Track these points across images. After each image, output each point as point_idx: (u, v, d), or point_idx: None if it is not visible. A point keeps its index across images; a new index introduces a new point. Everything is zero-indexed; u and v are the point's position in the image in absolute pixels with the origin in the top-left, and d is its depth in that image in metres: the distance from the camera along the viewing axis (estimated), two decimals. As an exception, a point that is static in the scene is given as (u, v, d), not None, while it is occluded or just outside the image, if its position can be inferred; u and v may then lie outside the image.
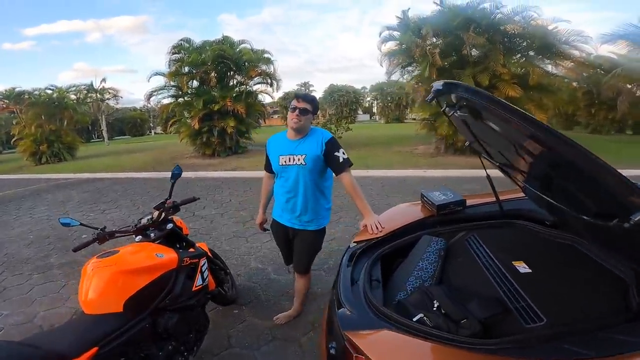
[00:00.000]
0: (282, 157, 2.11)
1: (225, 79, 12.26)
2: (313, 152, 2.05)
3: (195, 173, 9.07)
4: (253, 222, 4.76)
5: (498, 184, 1.95)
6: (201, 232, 4.55)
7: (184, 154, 12.71)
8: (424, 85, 9.37)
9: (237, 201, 6.04)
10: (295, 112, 2.01)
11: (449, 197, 1.89)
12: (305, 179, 2.09)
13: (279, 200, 2.25)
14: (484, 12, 8.59)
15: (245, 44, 12.27)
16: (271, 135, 2.27)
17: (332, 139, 2.09)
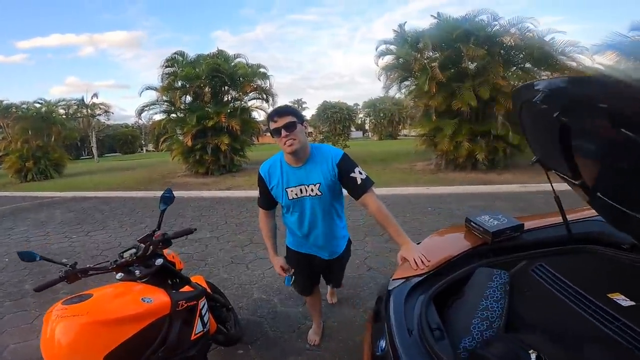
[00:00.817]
0: (290, 190, 1.77)
1: (220, 94, 11.97)
2: (327, 179, 1.73)
3: (188, 192, 8.66)
4: (252, 246, 4.42)
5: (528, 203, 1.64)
6: (195, 257, 4.15)
7: (176, 173, 12.30)
8: (423, 100, 9.23)
9: (234, 223, 5.65)
10: (282, 134, 1.61)
11: (502, 222, 1.61)
12: (324, 208, 1.81)
13: (295, 235, 1.99)
14: (481, 24, 8.56)
15: (240, 59, 12.07)
16: (262, 164, 1.86)
17: (343, 156, 1.74)
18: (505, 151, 9.38)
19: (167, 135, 12.16)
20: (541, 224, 1.74)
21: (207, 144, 11.10)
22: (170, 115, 12.06)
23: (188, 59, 11.62)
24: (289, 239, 2.04)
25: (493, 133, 8.93)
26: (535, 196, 6.80)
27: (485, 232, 1.58)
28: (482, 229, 1.60)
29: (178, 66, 11.45)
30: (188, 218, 6.13)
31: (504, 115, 8.60)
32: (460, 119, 9.13)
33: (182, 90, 11.36)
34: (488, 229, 1.57)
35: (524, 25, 8.42)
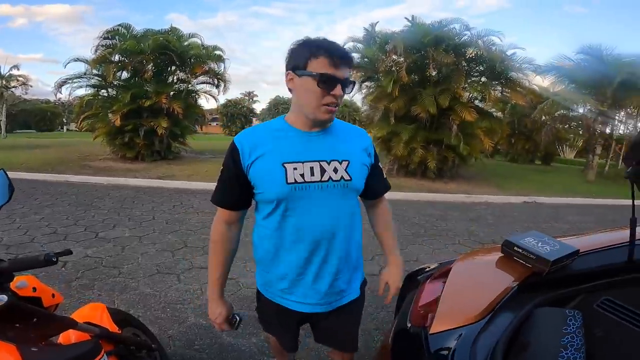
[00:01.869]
0: (291, 165, 1.00)
1: (165, 73, 10.64)
2: (359, 157, 1.08)
3: (108, 179, 7.29)
4: (187, 251, 3.53)
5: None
6: (105, 264, 3.16)
7: (98, 155, 10.59)
8: (383, 102, 9.05)
9: (163, 220, 4.65)
10: (336, 91, 0.95)
11: (555, 247, 1.27)
12: (347, 209, 1.08)
13: (275, 271, 1.12)
14: (453, 32, 8.63)
15: (195, 38, 10.85)
16: (242, 130, 1.11)
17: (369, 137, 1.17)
18: (454, 161, 9.59)
19: (91, 112, 10.43)
20: (591, 248, 1.43)
21: (141, 125, 9.70)
22: (100, 92, 10.45)
23: (133, 33, 10.16)
24: (262, 277, 1.18)
25: (446, 142, 9.03)
26: (480, 207, 6.96)
27: (541, 260, 1.22)
28: (536, 257, 1.24)
29: (120, 39, 9.95)
30: (103, 210, 4.97)
31: (459, 126, 8.72)
32: (417, 125, 9.10)
33: (119, 65, 9.89)
34: (545, 257, 1.22)
35: (489, 38, 8.65)
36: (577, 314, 1.08)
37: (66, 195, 5.84)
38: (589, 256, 1.39)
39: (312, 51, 0.94)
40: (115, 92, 10.24)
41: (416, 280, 1.49)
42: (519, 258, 1.28)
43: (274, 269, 1.11)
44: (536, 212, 7.00)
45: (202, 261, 3.32)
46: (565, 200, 8.50)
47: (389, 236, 1.27)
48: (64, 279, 2.80)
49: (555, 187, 10.28)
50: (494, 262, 1.34)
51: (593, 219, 6.70)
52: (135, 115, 9.70)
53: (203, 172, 8.58)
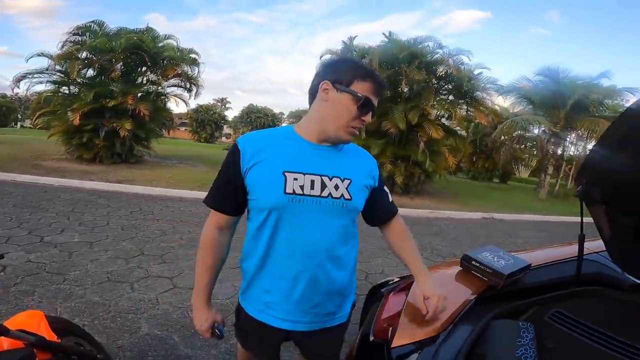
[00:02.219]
0: (293, 174, 0.96)
1: (134, 73, 10.21)
2: (362, 178, 1.04)
3: (60, 180, 6.79)
4: (143, 259, 3.35)
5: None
6: (48, 269, 2.92)
7: (52, 155, 9.90)
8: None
9: (119, 226, 4.39)
10: (367, 116, 0.98)
11: (509, 261, 1.34)
12: (343, 229, 1.02)
13: (260, 285, 1.05)
14: (427, 49, 8.97)
15: (170, 40, 10.55)
16: (247, 133, 1.08)
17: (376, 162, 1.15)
18: (420, 177, 9.89)
19: (49, 109, 9.78)
20: (542, 262, 1.53)
21: (102, 126, 9.21)
22: (61, 89, 9.87)
23: (106, 30, 9.72)
24: (246, 290, 1.10)
25: (413, 158, 9.30)
26: (443, 222, 7.22)
27: (496, 274, 1.28)
28: (492, 271, 1.30)
29: (91, 36, 9.48)
30: (51, 213, 4.61)
31: (426, 143, 9.03)
32: (387, 140, 9.32)
33: (85, 62, 9.41)
34: (500, 271, 1.28)
35: (459, 57, 9.10)
36: (530, 326, 1.12)
37: (12, 195, 5.38)
38: (540, 270, 1.46)
39: (361, 73, 0.96)
40: (77, 89, 9.71)
41: (380, 293, 1.49)
42: (476, 272, 1.33)
43: (260, 281, 1.04)
44: (494, 227, 7.34)
45: (160, 270, 3.16)
46: (519, 216, 8.99)
47: (409, 247, 1.17)
48: (2, 284, 2.58)
49: (511, 204, 10.87)
50: (453, 276, 1.38)
51: (544, 234, 7.13)
52: (97, 115, 9.20)
53: (167, 177, 8.25)
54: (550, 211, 10.28)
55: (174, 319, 2.39)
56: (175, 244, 3.93)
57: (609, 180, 1.20)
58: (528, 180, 24.10)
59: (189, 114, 32.56)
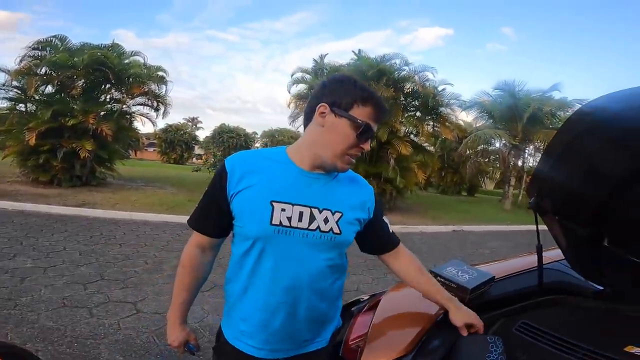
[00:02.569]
0: (280, 205, 0.90)
1: (97, 91, 9.81)
2: (354, 211, 0.97)
3: (13, 204, 6.33)
4: (103, 285, 3.16)
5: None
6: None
7: (6, 176, 9.25)
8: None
9: (77, 251, 4.12)
10: (366, 144, 0.91)
11: (473, 275, 1.36)
12: (330, 262, 0.96)
13: (246, 309, 0.98)
14: (394, 67, 9.27)
15: (137, 57, 10.22)
16: (236, 153, 1.01)
17: (374, 191, 1.08)
18: (392, 193, 10.06)
19: (3, 128, 9.18)
20: (505, 274, 1.54)
21: (60, 146, 8.71)
22: (18, 106, 9.32)
23: (68, 45, 9.31)
24: (226, 315, 1.05)
25: (384, 175, 9.47)
26: (415, 236, 7.33)
27: (461, 288, 1.29)
28: (456, 285, 1.31)
29: (52, 51, 9.05)
30: (3, 239, 4.25)
31: (396, 160, 9.24)
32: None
33: (44, 78, 8.95)
34: (464, 285, 1.29)
35: (424, 74, 9.47)
36: (498, 340, 1.12)
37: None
38: (505, 282, 1.47)
39: (362, 96, 0.88)
40: (35, 107, 9.19)
41: (350, 312, 1.45)
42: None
43: (239, 308, 0.98)
44: (463, 239, 7.54)
45: (122, 295, 2.98)
46: (487, 228, 9.31)
47: (428, 280, 1.12)
48: None
49: (478, 216, 11.25)
50: (418, 294, 1.37)
51: (511, 244, 7.39)
52: (55, 134, 8.71)
53: (131, 200, 7.88)
54: (514, 221, 10.72)
55: (138, 344, 2.26)
56: (139, 268, 3.71)
57: (557, 191, 1.23)
58: (493, 192, 25.15)
59: (157, 134, 31.48)
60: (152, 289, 3.16)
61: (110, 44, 10.07)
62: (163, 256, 4.22)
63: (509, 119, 14.63)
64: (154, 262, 3.97)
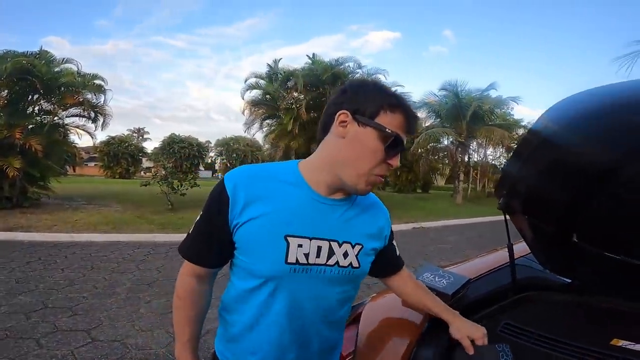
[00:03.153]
0: (297, 240, 0.76)
1: (24, 102, 8.84)
2: (373, 241, 0.87)
3: None
4: (47, 313, 2.83)
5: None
6: None
7: None
8: (284, 140, 9.18)
9: (13, 279, 3.61)
10: (394, 160, 0.75)
11: (450, 280, 1.33)
12: (346, 296, 0.87)
13: (251, 343, 0.85)
14: (348, 69, 9.41)
15: (70, 64, 9.33)
16: (238, 168, 0.81)
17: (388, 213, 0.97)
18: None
19: None
20: (478, 274, 1.52)
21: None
22: None
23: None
24: (230, 344, 0.89)
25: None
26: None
27: (441, 295, 1.25)
28: (436, 292, 1.26)
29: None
30: None
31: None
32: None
33: (-38, 90, 7.86)
34: (443, 291, 1.25)
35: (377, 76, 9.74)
36: (506, 347, 1.09)
37: None
38: (478, 282, 1.46)
39: (390, 101, 0.74)
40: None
41: None
42: None
43: (245, 340, 0.86)
44: (424, 236, 7.80)
45: (71, 323, 2.67)
46: (443, 223, 9.75)
47: (431, 297, 1.06)
48: None
49: (434, 212, 11.77)
50: (400, 302, 1.30)
51: (468, 236, 7.80)
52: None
53: (72, 221, 7.14)
54: (466, 214, 11.36)
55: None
56: (87, 293, 3.33)
57: (526, 191, 1.25)
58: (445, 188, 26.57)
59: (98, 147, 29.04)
60: (105, 314, 2.84)
61: (37, 52, 9.15)
62: (114, 278, 3.83)
63: (454, 117, 15.57)
64: (104, 285, 3.59)
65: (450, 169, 19.16)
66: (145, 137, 44.80)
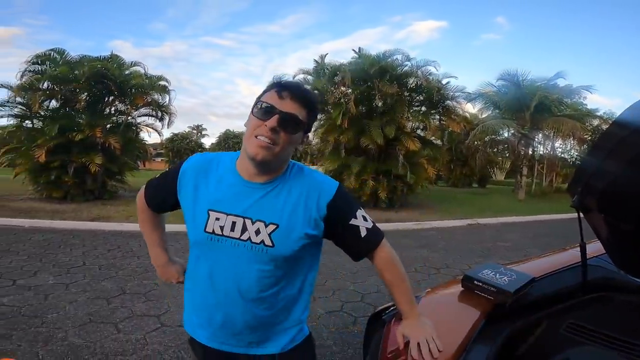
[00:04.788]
0: (216, 214, 0.94)
1: (101, 104, 9.83)
2: (297, 223, 0.94)
3: (30, 221, 6.39)
4: (125, 299, 3.15)
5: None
6: (24, 312, 2.76)
7: (19, 195, 9.36)
8: (333, 135, 9.22)
9: (96, 265, 4.11)
10: (269, 123, 0.87)
11: (512, 277, 1.31)
12: (265, 274, 0.95)
13: (193, 303, 1.05)
14: (396, 62, 9.17)
15: (138, 67, 10.22)
16: (195, 154, 1.09)
17: (339, 190, 0.98)
18: (403, 190, 9.95)
19: (12, 145, 9.28)
20: (544, 272, 1.47)
21: (70, 162, 8.78)
22: (24, 122, 9.38)
23: (67, 59, 9.32)
24: (187, 315, 1.09)
25: (394, 172, 9.37)
26: (430, 232, 7.23)
27: (502, 292, 1.24)
28: (497, 289, 1.25)
29: (52, 65, 9.08)
30: (23, 256, 4.28)
31: (404, 156, 9.14)
32: (366, 157, 9.37)
33: (47, 93, 8.98)
34: (505, 288, 1.24)
35: (427, 68, 9.36)
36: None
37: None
38: (544, 281, 1.41)
39: (266, 89, 0.94)
40: (41, 123, 9.24)
41: (381, 320, 1.39)
42: (480, 291, 1.27)
43: (189, 302, 1.08)
44: (480, 233, 7.41)
45: (145, 308, 2.97)
46: (503, 219, 9.16)
47: (401, 289, 1.06)
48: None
49: (492, 208, 11.09)
50: (456, 298, 1.33)
51: (530, 235, 7.25)
52: (64, 150, 8.79)
53: (144, 210, 7.91)
54: (530, 211, 10.55)
55: (166, 359, 2.23)
56: (158, 280, 3.69)
57: (603, 188, 1.17)
58: (504, 182, 24.84)
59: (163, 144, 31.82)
60: (173, 301, 3.13)
61: (109, 56, 10.07)
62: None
63: (515, 108, 14.47)
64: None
65: (511, 162, 17.84)
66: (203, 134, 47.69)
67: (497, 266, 1.40)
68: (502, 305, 1.21)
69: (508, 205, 12.28)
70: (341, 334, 2.66)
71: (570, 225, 1.33)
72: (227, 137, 32.95)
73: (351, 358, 2.36)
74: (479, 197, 14.51)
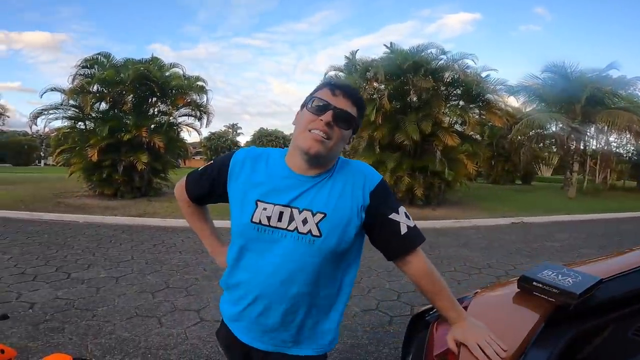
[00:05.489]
0: (263, 204, 0.94)
1: (145, 104, 10.40)
2: (342, 212, 0.93)
3: (84, 217, 6.91)
4: (169, 293, 3.29)
5: None
6: (77, 305, 2.92)
7: (74, 192, 10.14)
8: (367, 131, 9.09)
9: (143, 260, 4.36)
10: (324, 118, 0.89)
11: (577, 279, 1.19)
12: (311, 268, 0.93)
13: (232, 296, 1.05)
14: (430, 57, 8.88)
15: (176, 68, 10.71)
16: (241, 148, 1.11)
17: (382, 182, 0.98)
18: (440, 187, 9.61)
19: (67, 146, 10.06)
20: (613, 273, 1.32)
21: (120, 160, 9.39)
22: (77, 124, 10.12)
23: (113, 62, 9.96)
24: (224, 305, 1.10)
25: (431, 169, 9.08)
26: (469, 231, 6.93)
27: (566, 293, 1.13)
28: (559, 291, 1.15)
29: (99, 68, 9.74)
30: (77, 250, 4.63)
31: (442, 152, 8.82)
32: (402, 153, 9.16)
33: (97, 96, 9.63)
34: (570, 290, 1.13)
35: (464, 61, 8.96)
36: None
37: (38, 234, 5.49)
38: (613, 283, 1.29)
39: (319, 87, 0.97)
40: (92, 124, 9.91)
41: (424, 321, 1.33)
42: (539, 293, 1.17)
43: (230, 291, 1.07)
44: (525, 232, 7.00)
45: (186, 303, 3.08)
46: (551, 218, 8.59)
47: (443, 299, 1.01)
48: (31, 321, 2.60)
49: (539, 206, 10.44)
50: (511, 299, 1.24)
51: (584, 235, 6.73)
52: (114, 149, 9.41)
53: (186, 206, 8.27)
54: (581, 209, 9.80)
55: (205, 354, 2.29)
56: (198, 275, 3.84)
57: None
58: (552, 179, 23.30)
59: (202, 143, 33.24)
60: (212, 296, 3.23)
61: (150, 59, 10.58)
62: (220, 262, 4.34)
63: (564, 101, 13.49)
64: (211, 269, 4.08)
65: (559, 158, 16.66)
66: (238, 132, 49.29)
67: (559, 267, 1.30)
68: (565, 308, 1.13)
69: (557, 203, 11.50)
70: (376, 333, 2.62)
71: (628, 224, 1.20)
72: (262, 135, 33.87)
73: (386, 358, 2.31)
74: (524, 195, 13.72)
